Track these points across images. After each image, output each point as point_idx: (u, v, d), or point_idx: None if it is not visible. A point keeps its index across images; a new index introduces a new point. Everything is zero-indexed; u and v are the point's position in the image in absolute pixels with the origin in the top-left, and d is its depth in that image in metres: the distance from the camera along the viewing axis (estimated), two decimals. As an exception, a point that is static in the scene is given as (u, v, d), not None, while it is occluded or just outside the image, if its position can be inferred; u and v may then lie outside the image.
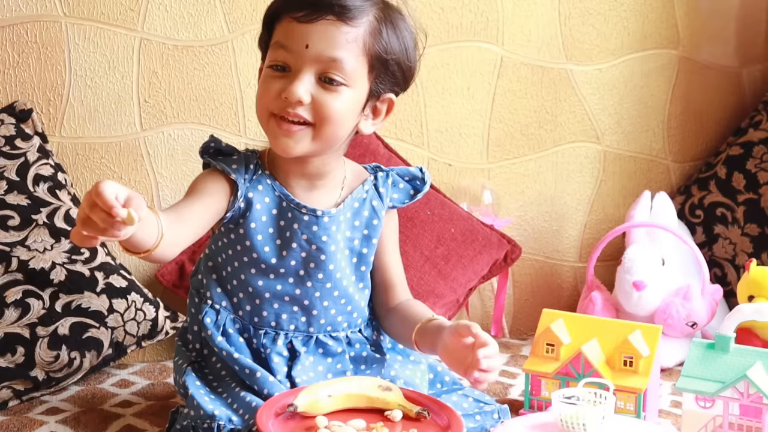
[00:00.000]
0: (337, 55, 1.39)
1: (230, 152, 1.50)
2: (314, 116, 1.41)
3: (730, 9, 2.37)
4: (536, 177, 2.22)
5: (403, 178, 1.57)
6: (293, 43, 1.39)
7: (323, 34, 1.39)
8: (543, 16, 2.18)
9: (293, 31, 1.40)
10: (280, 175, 1.50)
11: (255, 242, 1.47)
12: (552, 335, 1.61)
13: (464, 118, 2.15)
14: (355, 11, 1.40)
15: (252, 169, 1.48)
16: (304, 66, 1.39)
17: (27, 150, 1.79)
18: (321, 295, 1.50)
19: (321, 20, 1.38)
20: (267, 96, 1.42)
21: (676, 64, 2.32)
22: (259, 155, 1.52)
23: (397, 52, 1.45)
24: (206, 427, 1.39)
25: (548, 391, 1.60)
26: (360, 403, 1.39)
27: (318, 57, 1.39)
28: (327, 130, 1.42)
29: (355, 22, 1.40)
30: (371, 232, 1.53)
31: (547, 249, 2.25)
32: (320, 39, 1.39)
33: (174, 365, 1.56)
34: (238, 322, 1.50)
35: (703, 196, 2.26)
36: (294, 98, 1.39)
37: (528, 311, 2.19)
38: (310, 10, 1.39)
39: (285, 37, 1.40)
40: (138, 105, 1.91)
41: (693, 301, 1.91)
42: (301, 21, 1.39)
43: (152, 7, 1.89)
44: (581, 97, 2.23)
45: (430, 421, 1.36)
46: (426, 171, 1.58)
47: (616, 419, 1.39)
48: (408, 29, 1.48)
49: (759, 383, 1.40)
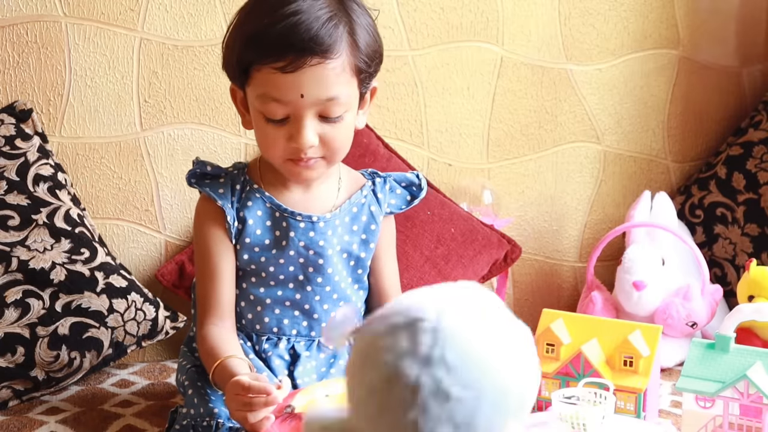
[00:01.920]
0: (333, 93, 1.37)
1: (217, 174, 1.49)
2: (325, 151, 1.42)
3: (730, 9, 2.37)
4: (536, 177, 2.22)
5: (400, 184, 1.56)
6: (287, 96, 1.36)
7: (314, 78, 1.35)
8: (543, 16, 2.18)
9: (281, 83, 1.35)
10: (273, 184, 1.49)
11: (252, 255, 1.48)
12: (552, 335, 1.61)
13: (464, 118, 2.14)
14: (334, 44, 1.36)
15: (239, 189, 1.48)
16: (303, 112, 1.37)
17: (27, 150, 1.79)
18: (321, 299, 1.50)
19: (306, 66, 1.34)
20: (276, 147, 1.41)
21: (676, 64, 2.32)
22: (247, 169, 1.51)
23: (371, 46, 1.42)
24: (206, 425, 1.39)
25: (548, 391, 1.60)
26: None
27: (315, 101, 1.37)
28: (339, 156, 1.45)
29: (336, 50, 1.36)
30: (369, 237, 1.53)
31: (547, 249, 2.25)
32: (313, 85, 1.36)
33: (178, 366, 1.56)
34: (242, 330, 1.51)
35: (703, 196, 2.26)
36: (306, 147, 1.39)
37: (528, 311, 2.19)
38: (292, 59, 1.34)
39: (275, 91, 1.36)
40: (138, 105, 1.91)
41: (693, 301, 1.91)
42: (286, 72, 1.34)
43: (152, 7, 1.89)
44: (581, 97, 2.23)
45: None
46: (422, 177, 1.57)
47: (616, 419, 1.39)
48: (365, 14, 1.43)
49: (759, 383, 1.40)
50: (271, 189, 1.49)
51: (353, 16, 1.40)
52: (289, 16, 1.35)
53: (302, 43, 1.33)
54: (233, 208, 1.46)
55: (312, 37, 1.34)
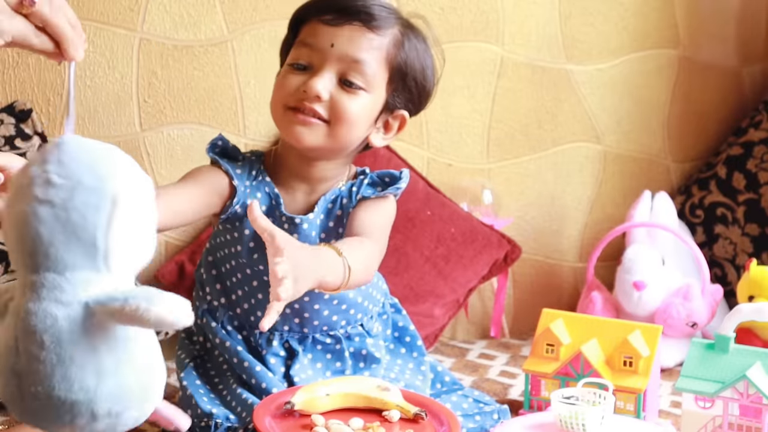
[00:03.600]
0: (361, 56, 1.42)
1: (235, 155, 1.50)
2: (330, 114, 1.43)
3: (730, 9, 2.37)
4: (536, 177, 2.22)
5: (383, 178, 1.54)
6: (318, 42, 1.43)
7: (349, 36, 1.43)
8: (543, 16, 2.18)
9: (320, 31, 1.43)
10: (283, 179, 1.50)
11: (247, 247, 1.47)
12: (552, 335, 1.61)
13: (464, 118, 2.14)
14: (381, 21, 1.44)
15: (254, 175, 1.48)
16: (326, 64, 1.42)
17: (27, 150, 1.79)
18: (311, 299, 1.49)
19: (348, 25, 1.43)
20: (284, 90, 1.44)
21: (676, 64, 2.32)
22: (263, 159, 1.52)
23: (417, 69, 1.49)
24: (203, 426, 1.39)
25: (548, 391, 1.60)
26: (358, 403, 1.39)
27: (342, 56, 1.42)
28: (341, 129, 1.43)
29: (381, 32, 1.44)
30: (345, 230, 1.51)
31: (547, 249, 2.25)
32: (346, 40, 1.42)
33: (176, 360, 1.56)
34: (236, 319, 1.51)
35: (703, 196, 2.26)
36: (313, 92, 1.41)
37: (528, 311, 2.19)
38: (338, 14, 1.43)
39: (310, 36, 1.44)
40: (138, 105, 1.91)
41: (693, 301, 1.91)
42: (328, 23, 1.43)
43: (152, 7, 1.89)
44: (581, 97, 2.23)
45: (427, 422, 1.36)
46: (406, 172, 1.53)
47: (615, 419, 1.39)
48: (429, 53, 1.51)
49: (759, 383, 1.40)
50: (279, 187, 1.49)
51: (414, 33, 1.49)
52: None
53: (354, 7, 1.43)
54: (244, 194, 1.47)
55: (364, 5, 1.44)
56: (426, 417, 1.36)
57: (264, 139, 1.98)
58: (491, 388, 1.76)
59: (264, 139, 1.98)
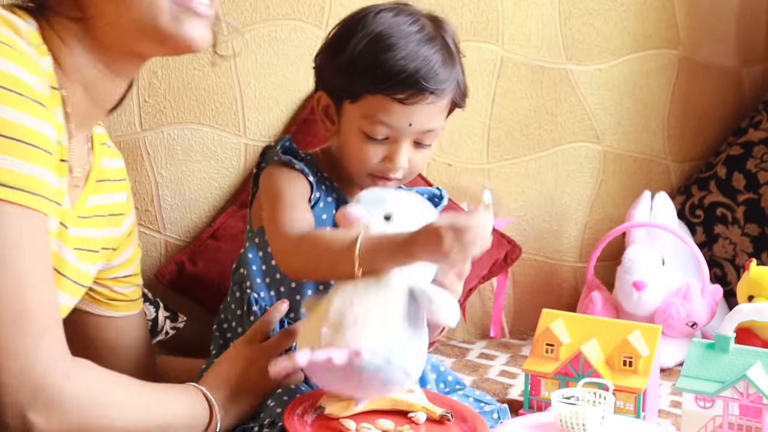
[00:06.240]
0: (434, 126, 1.47)
1: (295, 154, 1.51)
2: (406, 172, 1.50)
3: (730, 9, 2.37)
4: (536, 177, 2.22)
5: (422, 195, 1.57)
6: (397, 123, 1.45)
7: (425, 112, 1.45)
8: (543, 16, 2.18)
9: (395, 111, 1.44)
10: (340, 179, 1.52)
11: None
12: (552, 335, 1.61)
13: (464, 118, 2.14)
14: (448, 86, 1.47)
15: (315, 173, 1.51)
16: (405, 138, 1.46)
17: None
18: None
19: (422, 103, 1.44)
20: (367, 162, 1.47)
21: (676, 64, 2.32)
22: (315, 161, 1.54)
23: (464, 83, 1.52)
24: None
25: (548, 391, 1.60)
26: (384, 405, 1.38)
27: (418, 131, 1.46)
28: (412, 177, 1.52)
29: (447, 93, 1.48)
30: None
31: (547, 249, 2.25)
32: (422, 117, 1.45)
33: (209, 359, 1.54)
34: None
35: (703, 196, 2.26)
36: (398, 166, 1.47)
37: (528, 311, 2.19)
38: (413, 93, 1.44)
39: (386, 116, 1.45)
40: (138, 105, 1.91)
41: (693, 301, 1.91)
42: (403, 103, 1.44)
43: (152, 7, 1.89)
44: (581, 97, 2.23)
45: (453, 423, 1.35)
46: (444, 191, 1.61)
47: (615, 419, 1.39)
48: (459, 54, 1.53)
49: (759, 383, 1.40)
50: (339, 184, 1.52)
51: (457, 57, 1.51)
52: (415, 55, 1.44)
53: (426, 82, 1.43)
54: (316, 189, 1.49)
55: (435, 79, 1.44)
56: (452, 418, 1.36)
57: (264, 139, 1.98)
58: (491, 388, 1.76)
59: (264, 139, 1.98)
